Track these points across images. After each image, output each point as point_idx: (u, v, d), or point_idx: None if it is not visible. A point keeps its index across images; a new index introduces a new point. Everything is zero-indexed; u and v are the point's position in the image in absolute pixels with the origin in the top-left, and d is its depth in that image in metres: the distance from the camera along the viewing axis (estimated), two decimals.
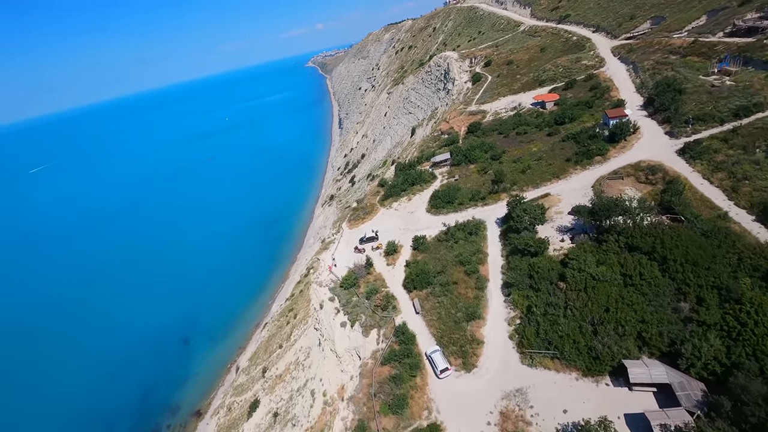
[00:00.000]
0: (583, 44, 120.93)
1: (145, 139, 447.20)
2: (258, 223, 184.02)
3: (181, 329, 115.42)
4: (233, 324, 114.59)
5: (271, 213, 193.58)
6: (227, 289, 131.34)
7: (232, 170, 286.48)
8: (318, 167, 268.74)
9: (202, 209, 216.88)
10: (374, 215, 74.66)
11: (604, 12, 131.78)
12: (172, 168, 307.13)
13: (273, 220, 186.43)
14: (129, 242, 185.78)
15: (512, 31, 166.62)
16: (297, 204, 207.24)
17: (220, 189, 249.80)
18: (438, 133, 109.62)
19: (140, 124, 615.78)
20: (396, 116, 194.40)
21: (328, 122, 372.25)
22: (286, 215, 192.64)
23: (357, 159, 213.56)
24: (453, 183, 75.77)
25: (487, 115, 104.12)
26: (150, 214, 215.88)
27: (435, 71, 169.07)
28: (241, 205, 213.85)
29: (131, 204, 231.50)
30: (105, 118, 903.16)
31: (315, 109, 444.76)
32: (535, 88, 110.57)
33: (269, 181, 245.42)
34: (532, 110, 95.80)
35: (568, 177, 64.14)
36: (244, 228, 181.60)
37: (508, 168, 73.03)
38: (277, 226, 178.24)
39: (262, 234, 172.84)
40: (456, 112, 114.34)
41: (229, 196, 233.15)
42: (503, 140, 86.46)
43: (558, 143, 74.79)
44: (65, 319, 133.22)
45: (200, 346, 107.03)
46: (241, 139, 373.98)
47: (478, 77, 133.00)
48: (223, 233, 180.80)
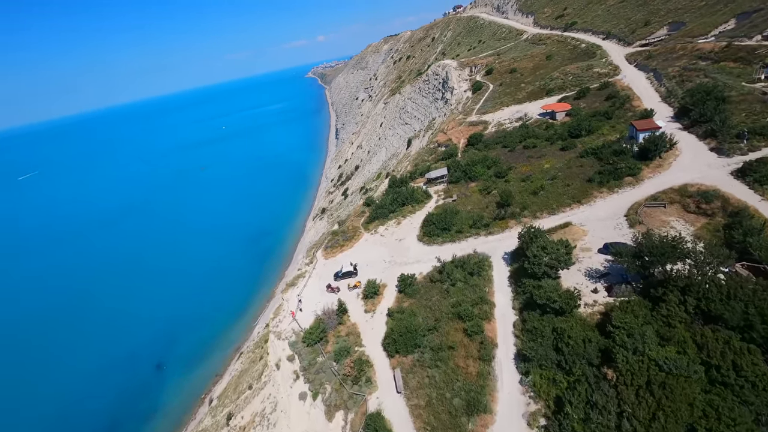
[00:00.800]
0: (594, 51, 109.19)
1: (139, 147, 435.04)
2: (246, 237, 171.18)
3: (154, 352, 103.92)
4: (212, 347, 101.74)
5: (261, 226, 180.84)
6: (208, 308, 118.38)
7: (224, 180, 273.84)
8: (312, 178, 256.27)
9: (189, 220, 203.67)
10: (356, 242, 61.36)
11: (614, 19, 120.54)
12: (162, 177, 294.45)
13: (262, 233, 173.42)
14: (106, 255, 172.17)
15: (514, 39, 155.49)
16: (288, 216, 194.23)
17: (209, 199, 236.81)
18: (434, 145, 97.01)
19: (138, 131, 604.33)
20: (392, 127, 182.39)
21: (325, 132, 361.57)
22: (276, 228, 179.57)
23: (351, 171, 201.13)
24: (450, 204, 62.71)
25: (489, 126, 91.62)
26: (132, 226, 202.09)
27: (433, 80, 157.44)
28: (230, 216, 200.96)
29: (112, 215, 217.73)
30: (105, 124, 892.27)
31: (312, 119, 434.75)
32: (542, 97, 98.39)
33: (261, 192, 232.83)
34: (541, 121, 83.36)
35: (592, 201, 51.08)
36: (231, 241, 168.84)
37: (516, 188, 60.05)
38: (266, 240, 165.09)
39: (249, 248, 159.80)
40: (454, 122, 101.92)
41: (219, 206, 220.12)
42: (509, 155, 73.67)
43: (575, 159, 61.94)
44: (30, 338, 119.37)
45: (174, 372, 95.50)
46: (236, 148, 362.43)
47: (478, 86, 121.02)
48: (209, 246, 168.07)
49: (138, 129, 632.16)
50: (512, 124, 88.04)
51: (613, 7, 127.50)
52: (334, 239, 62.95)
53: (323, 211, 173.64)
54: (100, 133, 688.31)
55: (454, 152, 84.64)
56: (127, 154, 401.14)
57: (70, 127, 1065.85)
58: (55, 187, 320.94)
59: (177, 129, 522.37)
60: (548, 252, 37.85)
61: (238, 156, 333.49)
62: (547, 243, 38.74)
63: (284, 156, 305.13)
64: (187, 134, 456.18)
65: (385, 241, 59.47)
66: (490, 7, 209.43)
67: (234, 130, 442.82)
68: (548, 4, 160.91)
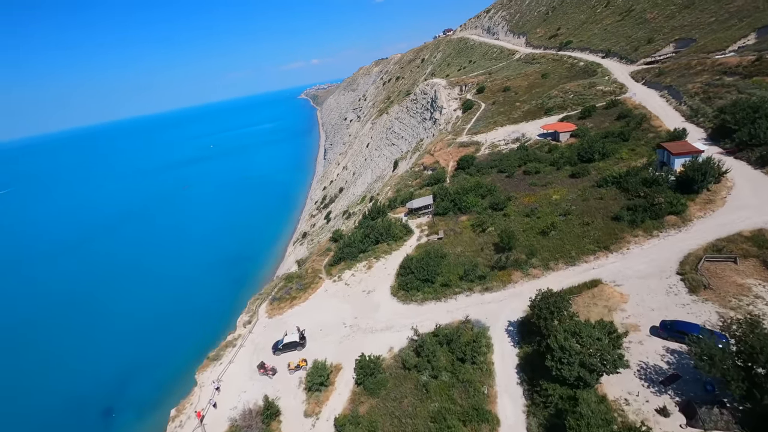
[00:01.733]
0: (594, 69, 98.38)
1: (125, 165, 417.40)
2: (222, 261, 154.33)
3: (105, 395, 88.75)
4: (168, 391, 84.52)
5: (240, 250, 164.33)
6: (170, 345, 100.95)
7: (207, 200, 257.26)
8: (297, 199, 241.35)
9: (164, 244, 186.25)
10: (313, 292, 46.23)
11: (613, 37, 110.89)
12: (143, 197, 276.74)
13: (240, 258, 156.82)
14: (63, 282, 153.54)
15: (506, 59, 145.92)
16: (269, 240, 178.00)
17: (189, 221, 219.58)
18: (420, 168, 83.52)
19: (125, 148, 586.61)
20: (378, 147, 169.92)
21: (314, 153, 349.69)
22: (255, 253, 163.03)
23: (335, 193, 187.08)
24: (435, 244, 48.32)
25: (482, 148, 78.60)
26: (99, 250, 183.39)
27: (421, 99, 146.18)
28: (208, 239, 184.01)
29: (79, 239, 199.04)
30: (91, 141, 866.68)
31: (302, 140, 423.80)
32: (540, 116, 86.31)
33: (244, 214, 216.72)
34: (542, 143, 70.53)
35: (624, 248, 37.06)
36: (206, 267, 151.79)
37: (519, 225, 46.03)
38: (244, 266, 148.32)
39: (224, 274, 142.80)
40: (443, 143, 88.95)
41: (198, 228, 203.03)
42: (506, 181, 60.07)
43: (592, 190, 48.37)
44: None
45: (124, 420, 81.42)
46: (223, 168, 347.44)
47: (469, 105, 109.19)
48: (179, 273, 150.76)
49: (125, 146, 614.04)
50: (508, 146, 75.06)
51: (610, 26, 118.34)
52: (285, 287, 47.75)
53: (304, 235, 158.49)
54: (82, 151, 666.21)
55: (442, 177, 70.97)
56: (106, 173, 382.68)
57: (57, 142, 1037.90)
58: (32, 207, 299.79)
59: (165, 147, 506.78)
60: (583, 342, 23.27)
61: (223, 175, 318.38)
62: (580, 327, 24.15)
63: (270, 176, 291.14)
64: (175, 152, 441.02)
65: (349, 293, 44.43)
66: (480, 29, 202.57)
67: (222, 149, 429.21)
68: (540, 24, 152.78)
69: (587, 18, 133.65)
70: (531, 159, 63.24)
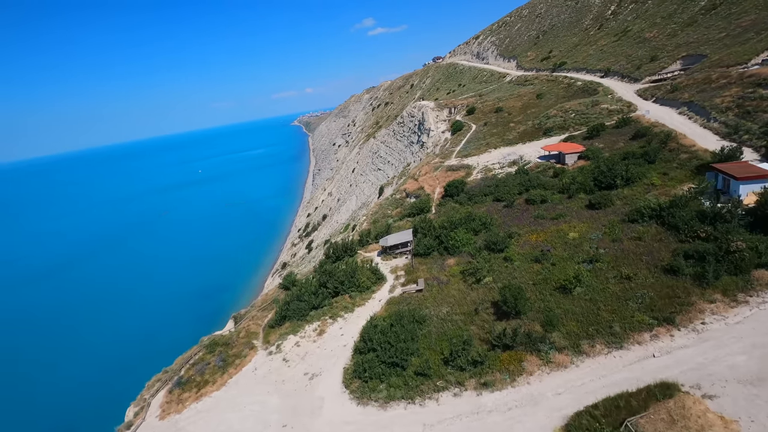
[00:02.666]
0: (594, 89, 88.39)
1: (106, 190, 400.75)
2: (198, 293, 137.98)
3: None
4: None
5: (218, 279, 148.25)
6: (120, 394, 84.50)
7: (188, 226, 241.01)
8: (282, 226, 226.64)
9: (134, 274, 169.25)
10: (235, 372, 31.52)
11: (611, 56, 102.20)
12: (118, 224, 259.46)
13: (217, 288, 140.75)
14: (24, 312, 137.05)
15: (497, 82, 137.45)
16: (250, 269, 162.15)
17: (165, 249, 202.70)
18: (402, 194, 70.51)
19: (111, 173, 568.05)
20: (363, 173, 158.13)
21: (302, 178, 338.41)
22: (234, 283, 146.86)
23: (318, 221, 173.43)
24: (413, 300, 34.45)
25: (474, 172, 66.11)
26: (61, 284, 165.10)
27: (408, 122, 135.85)
28: (185, 268, 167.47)
29: (42, 268, 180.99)
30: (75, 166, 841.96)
31: (292, 165, 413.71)
32: (538, 137, 74.87)
33: (225, 240, 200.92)
34: (544, 166, 58.22)
35: (697, 321, 23.44)
36: (178, 299, 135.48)
37: (527, 274, 32.54)
38: (219, 299, 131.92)
39: (197, 308, 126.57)
40: (429, 166, 76.55)
41: (175, 256, 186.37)
42: (505, 213, 47.02)
43: (620, 225, 35.36)
44: None
45: None
46: (209, 193, 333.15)
47: (458, 126, 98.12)
48: (146, 305, 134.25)
49: (108, 172, 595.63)
50: (504, 170, 62.64)
51: (606, 46, 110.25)
52: (201, 363, 33.06)
53: (284, 266, 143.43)
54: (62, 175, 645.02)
55: (426, 205, 57.82)
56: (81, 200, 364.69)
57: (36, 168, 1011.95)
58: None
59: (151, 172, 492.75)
60: None
61: (208, 201, 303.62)
62: None
63: (256, 202, 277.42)
64: (161, 178, 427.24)
65: (285, 377, 29.82)
66: (469, 55, 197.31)
67: (211, 174, 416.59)
68: (531, 48, 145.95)
69: (580, 40, 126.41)
70: (534, 185, 50.56)
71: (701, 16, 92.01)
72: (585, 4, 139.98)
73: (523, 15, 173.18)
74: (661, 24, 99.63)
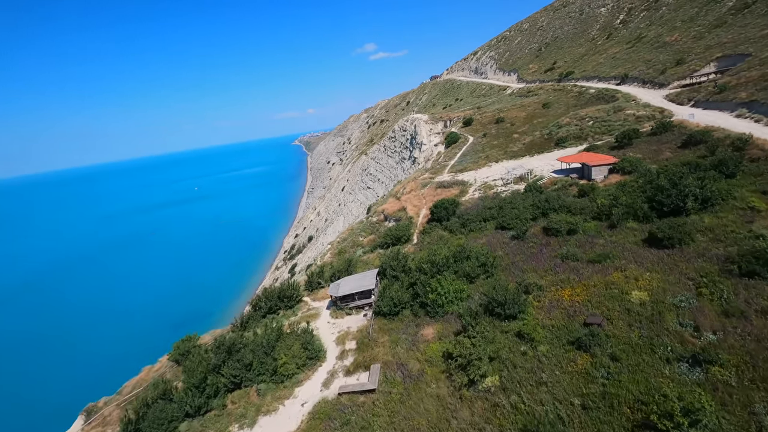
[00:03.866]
0: (611, 95, 74.09)
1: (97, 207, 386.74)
2: (172, 322, 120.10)
3: None
4: None
5: (196, 306, 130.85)
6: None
7: (175, 247, 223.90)
8: (271, 247, 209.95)
9: (108, 295, 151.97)
10: None
11: (626, 63, 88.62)
12: (103, 242, 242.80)
13: (193, 316, 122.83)
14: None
15: (497, 95, 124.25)
16: (230, 296, 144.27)
17: (148, 271, 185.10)
18: (379, 217, 54.79)
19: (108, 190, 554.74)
20: (352, 191, 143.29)
21: (298, 197, 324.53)
22: (211, 311, 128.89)
23: (303, 242, 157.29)
24: (358, 414, 18.38)
25: (470, 190, 50.57)
26: (18, 308, 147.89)
27: (400, 137, 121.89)
28: (163, 292, 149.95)
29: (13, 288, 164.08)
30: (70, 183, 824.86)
31: (289, 184, 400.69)
32: (549, 149, 59.91)
33: (211, 262, 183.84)
34: (562, 182, 42.64)
35: None
36: (149, 329, 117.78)
37: (566, 383, 16.37)
38: (193, 328, 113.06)
39: (169, 340, 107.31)
40: (416, 182, 61.15)
41: (155, 280, 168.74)
42: (514, 247, 31.11)
43: (727, 281, 19.71)
44: None
45: None
46: (202, 211, 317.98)
47: (453, 138, 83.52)
48: (119, 335, 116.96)
49: (100, 189, 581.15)
50: (510, 186, 47.07)
51: (619, 53, 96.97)
52: None
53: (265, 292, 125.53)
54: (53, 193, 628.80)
55: (406, 233, 41.99)
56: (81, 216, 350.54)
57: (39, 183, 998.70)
58: None
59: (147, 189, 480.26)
60: None
61: (201, 219, 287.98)
62: None
63: (249, 221, 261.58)
64: (157, 195, 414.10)
65: None
66: (467, 71, 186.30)
67: (207, 192, 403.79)
68: (533, 60, 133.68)
69: (587, 50, 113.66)
70: (553, 207, 34.81)
71: (731, 16, 78.85)
72: (591, 15, 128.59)
73: (523, 29, 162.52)
74: (682, 28, 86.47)
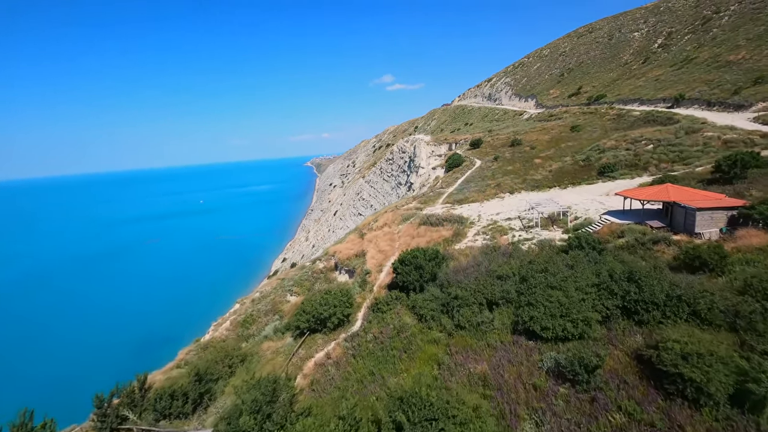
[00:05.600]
0: (667, 117, 54.62)
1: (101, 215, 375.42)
2: (137, 348, 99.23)
3: None
4: None
5: (168, 330, 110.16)
6: None
7: (166, 259, 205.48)
8: (263, 267, 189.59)
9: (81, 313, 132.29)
10: None
11: (676, 84, 69.68)
12: (94, 251, 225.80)
13: (164, 340, 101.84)
14: None
15: (512, 119, 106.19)
16: (208, 319, 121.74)
17: (128, 283, 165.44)
18: (328, 263, 35.07)
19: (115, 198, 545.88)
20: (343, 217, 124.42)
21: (300, 218, 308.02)
22: (183, 336, 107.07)
23: (286, 269, 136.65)
24: None
25: (470, 232, 30.61)
26: None
27: (398, 159, 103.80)
28: (140, 305, 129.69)
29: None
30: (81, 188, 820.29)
31: (294, 203, 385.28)
32: (590, 178, 40.17)
33: (197, 279, 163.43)
34: (631, 232, 22.57)
35: None
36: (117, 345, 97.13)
37: None
38: (156, 356, 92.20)
39: (121, 370, 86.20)
40: (395, 213, 41.61)
41: (132, 297, 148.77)
42: (575, 409, 11.06)
43: None
44: None
45: None
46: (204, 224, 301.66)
47: (456, 161, 64.37)
48: (62, 352, 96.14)
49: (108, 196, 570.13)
50: (534, 232, 26.99)
51: (662, 76, 78.44)
52: None
53: (244, 321, 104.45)
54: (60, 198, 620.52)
55: (342, 310, 22.16)
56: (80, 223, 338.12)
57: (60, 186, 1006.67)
58: None
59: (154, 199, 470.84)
60: None
61: (200, 232, 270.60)
62: None
63: (246, 239, 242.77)
64: (161, 205, 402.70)
65: None
66: (480, 97, 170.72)
67: (212, 206, 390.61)
68: (555, 85, 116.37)
69: (620, 75, 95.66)
70: (651, 296, 14.76)
71: None
72: (622, 40, 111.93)
73: (543, 55, 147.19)
74: (748, 46, 67.80)
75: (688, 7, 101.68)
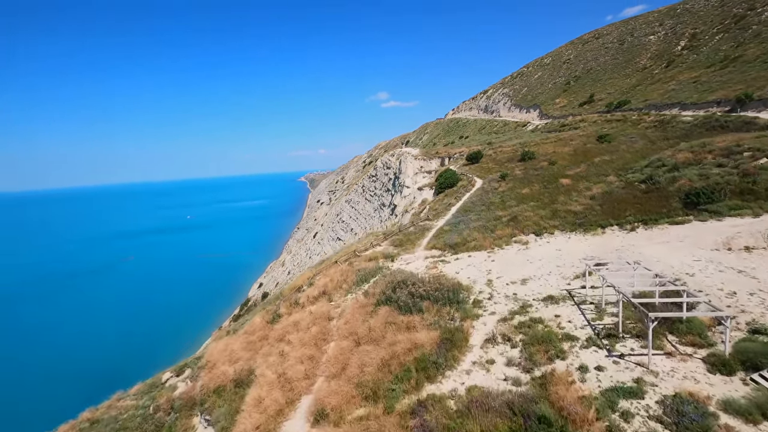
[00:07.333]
0: (746, 121, 38.52)
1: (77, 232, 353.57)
2: (98, 381, 78.14)
3: None
4: None
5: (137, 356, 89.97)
6: None
7: (141, 280, 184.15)
8: (240, 293, 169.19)
9: (42, 338, 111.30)
10: None
11: (729, 84, 54.22)
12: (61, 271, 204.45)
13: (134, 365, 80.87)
14: None
15: (513, 131, 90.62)
16: (181, 346, 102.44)
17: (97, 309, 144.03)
18: (176, 395, 17.80)
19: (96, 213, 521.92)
20: (321, 241, 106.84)
21: (288, 233, 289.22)
22: (153, 362, 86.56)
23: (258, 298, 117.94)
24: None
25: (474, 339, 13.46)
26: None
27: (382, 175, 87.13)
28: (85, 343, 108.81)
29: None
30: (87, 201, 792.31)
31: (284, 220, 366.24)
32: (671, 213, 22.98)
33: (172, 302, 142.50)
34: None
35: None
36: (74, 377, 76.26)
37: None
38: (121, 386, 70.71)
39: (83, 402, 64.51)
40: (343, 268, 24.49)
41: (87, 325, 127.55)
42: None
43: None
44: None
45: None
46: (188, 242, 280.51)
47: (449, 179, 47.50)
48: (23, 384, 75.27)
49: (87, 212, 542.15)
50: (622, 366, 9.95)
51: (701, 77, 63.23)
52: None
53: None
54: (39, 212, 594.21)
55: None
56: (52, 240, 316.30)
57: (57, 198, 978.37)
58: None
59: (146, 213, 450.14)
60: None
61: (182, 250, 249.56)
62: None
63: (231, 257, 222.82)
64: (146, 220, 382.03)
65: None
66: (476, 110, 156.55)
67: (200, 221, 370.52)
68: (560, 94, 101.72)
69: (640, 80, 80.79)
70: None
71: None
72: (635, 44, 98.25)
73: (544, 64, 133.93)
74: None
75: (711, 7, 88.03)
